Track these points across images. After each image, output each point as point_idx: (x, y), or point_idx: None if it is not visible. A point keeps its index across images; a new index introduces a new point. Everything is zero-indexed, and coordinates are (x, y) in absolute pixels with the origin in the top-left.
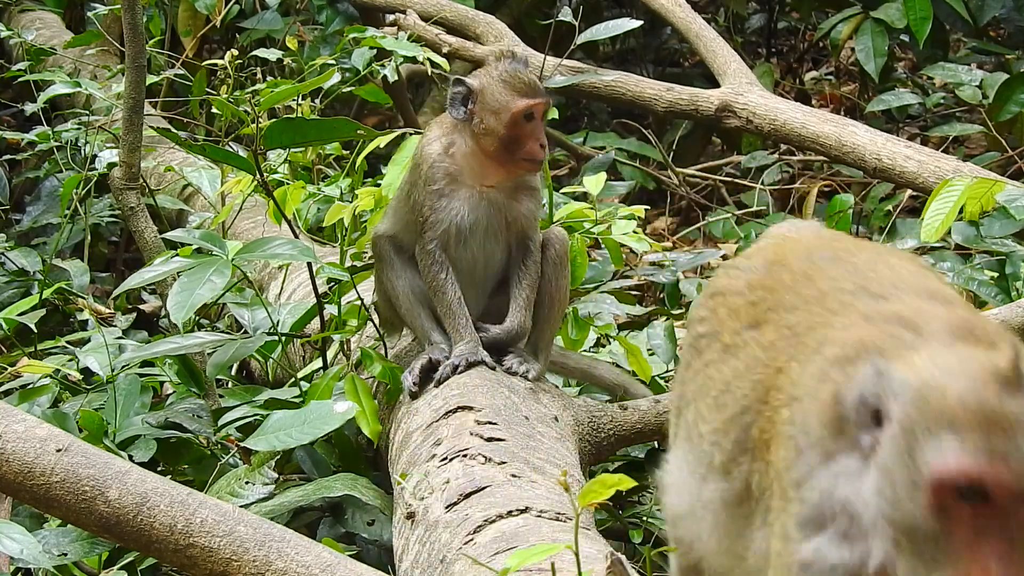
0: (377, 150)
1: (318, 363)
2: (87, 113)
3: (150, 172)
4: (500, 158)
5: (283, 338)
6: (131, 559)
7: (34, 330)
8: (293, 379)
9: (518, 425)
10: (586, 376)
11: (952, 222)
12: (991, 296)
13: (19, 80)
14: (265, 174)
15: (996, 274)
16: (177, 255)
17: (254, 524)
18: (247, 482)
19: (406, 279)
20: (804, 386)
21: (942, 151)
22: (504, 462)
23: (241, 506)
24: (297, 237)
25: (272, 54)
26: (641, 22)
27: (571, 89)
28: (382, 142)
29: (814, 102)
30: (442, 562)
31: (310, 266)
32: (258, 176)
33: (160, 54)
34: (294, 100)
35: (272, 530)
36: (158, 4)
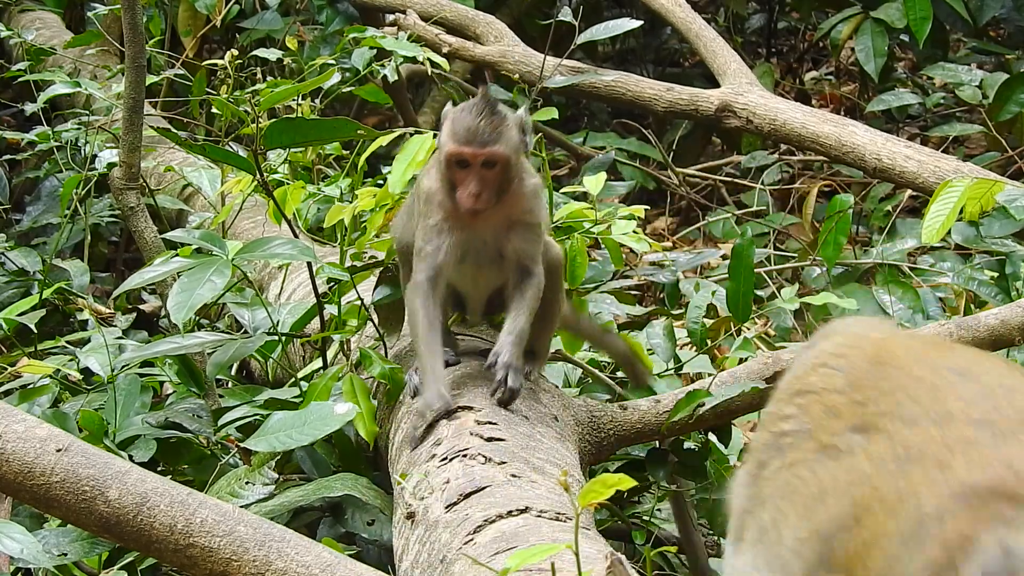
0: (377, 150)
1: (318, 363)
2: (87, 113)
3: (150, 172)
4: (453, 198)
5: (283, 338)
6: (131, 559)
7: (34, 330)
8: (293, 379)
9: (518, 425)
10: (595, 340)
11: (952, 223)
12: (991, 296)
13: (19, 80)
14: (265, 174)
15: (996, 274)
16: (177, 255)
17: (254, 524)
18: (247, 482)
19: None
20: (910, 527)
21: (942, 151)
22: (504, 462)
23: (241, 506)
24: (297, 237)
25: (272, 54)
26: (641, 22)
27: (571, 89)
28: (383, 143)
29: (814, 102)
30: (442, 562)
31: (310, 266)
32: (258, 176)
33: (160, 54)
34: (294, 100)
35: (272, 530)
36: (158, 4)
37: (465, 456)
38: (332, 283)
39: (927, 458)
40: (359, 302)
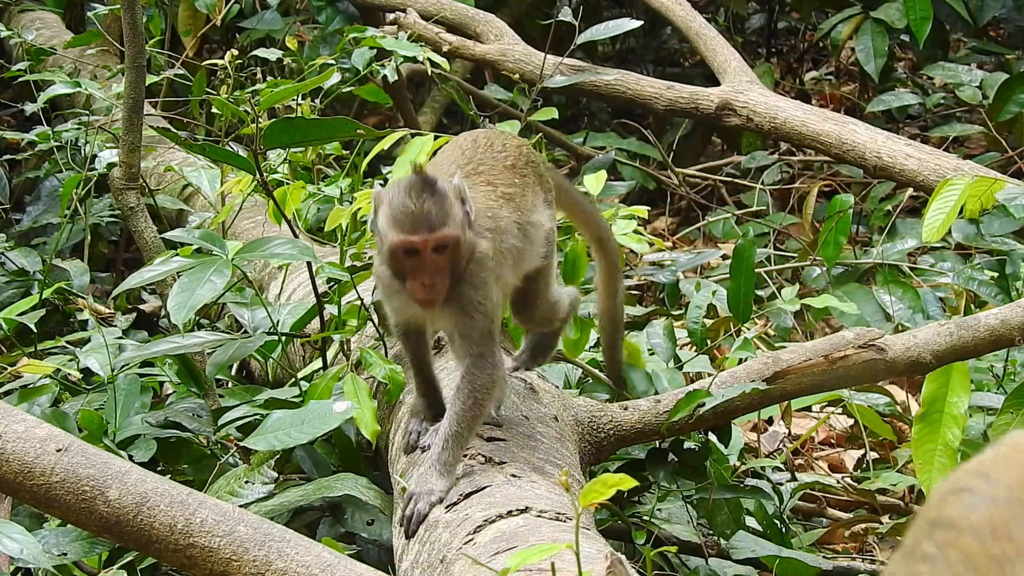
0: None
1: (318, 363)
2: (87, 113)
3: (150, 172)
4: (404, 286)
5: (283, 338)
6: (131, 559)
7: (34, 330)
8: (293, 379)
9: (518, 425)
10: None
11: (953, 221)
12: (991, 296)
13: (19, 80)
14: (265, 174)
15: (996, 274)
16: (177, 255)
17: (254, 524)
18: (247, 482)
19: None
20: None
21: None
22: (504, 462)
23: (241, 506)
24: (297, 237)
25: (272, 54)
26: (641, 22)
27: (571, 89)
28: (385, 145)
29: (814, 102)
30: (442, 562)
31: (310, 266)
32: (258, 176)
33: (160, 54)
34: (294, 100)
35: (272, 530)
36: (158, 4)
37: (465, 456)
38: (332, 283)
39: None
40: (359, 302)
